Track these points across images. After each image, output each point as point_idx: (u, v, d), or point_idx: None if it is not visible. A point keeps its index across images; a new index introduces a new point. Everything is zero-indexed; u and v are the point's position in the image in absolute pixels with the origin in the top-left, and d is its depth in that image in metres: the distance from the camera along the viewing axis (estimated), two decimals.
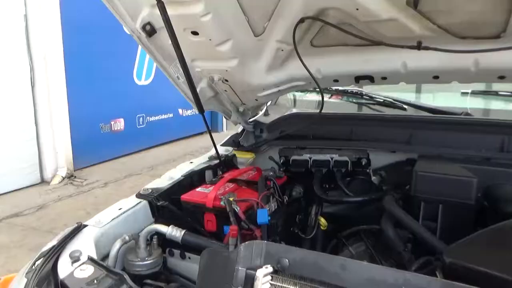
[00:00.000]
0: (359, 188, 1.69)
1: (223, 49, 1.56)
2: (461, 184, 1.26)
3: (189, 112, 7.71)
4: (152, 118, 7.13)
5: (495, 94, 1.78)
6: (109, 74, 6.08)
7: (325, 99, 2.27)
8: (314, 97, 2.42)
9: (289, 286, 0.88)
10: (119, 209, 1.44)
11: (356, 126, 1.76)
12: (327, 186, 1.72)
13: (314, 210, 1.70)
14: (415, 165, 1.38)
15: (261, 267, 0.88)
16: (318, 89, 2.28)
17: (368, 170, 1.69)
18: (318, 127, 1.82)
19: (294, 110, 2.13)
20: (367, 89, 2.39)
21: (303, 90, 2.43)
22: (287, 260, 0.87)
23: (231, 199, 1.38)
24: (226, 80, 1.81)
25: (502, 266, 0.86)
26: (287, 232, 1.55)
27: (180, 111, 7.66)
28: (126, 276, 1.00)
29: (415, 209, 1.36)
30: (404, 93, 2.32)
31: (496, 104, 1.83)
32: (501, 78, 1.48)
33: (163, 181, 1.66)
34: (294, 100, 2.60)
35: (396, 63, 1.55)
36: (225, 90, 1.90)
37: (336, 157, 1.71)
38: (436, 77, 1.57)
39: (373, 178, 1.66)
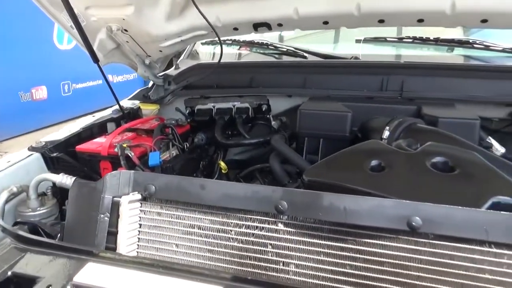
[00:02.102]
0: (261, 133, 1.77)
1: None
2: (337, 119, 1.38)
3: (120, 78, 7.37)
4: (79, 85, 6.73)
5: (384, 40, 1.92)
6: (25, 39, 5.58)
7: (234, 51, 2.32)
8: (233, 50, 2.42)
9: (156, 211, 0.93)
10: (8, 161, 1.39)
11: (256, 74, 1.82)
12: (230, 132, 1.78)
13: (219, 156, 1.76)
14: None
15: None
16: (230, 40, 2.34)
17: (268, 116, 1.77)
18: (221, 77, 1.86)
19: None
20: (289, 42, 2.45)
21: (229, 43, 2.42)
22: (153, 186, 0.92)
23: (124, 145, 1.39)
24: (126, 30, 1.77)
25: (347, 178, 0.97)
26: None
27: (110, 77, 7.29)
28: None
29: (301, 145, 1.46)
30: (323, 44, 2.41)
31: (384, 49, 1.97)
32: (381, 22, 1.59)
33: (61, 134, 1.62)
34: (214, 54, 2.60)
35: (289, 9, 1.60)
36: (127, 41, 1.85)
37: (238, 104, 1.76)
38: (326, 23, 1.64)
39: (273, 123, 1.75)
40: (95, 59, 1.63)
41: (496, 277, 0.71)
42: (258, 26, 1.73)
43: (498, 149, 1.37)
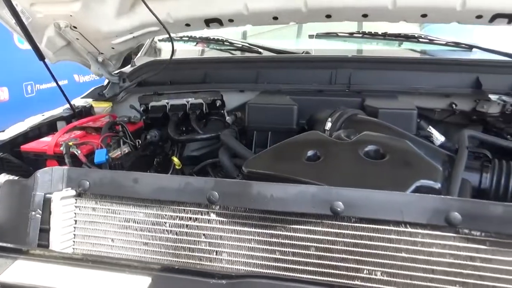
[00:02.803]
0: (215, 128, 1.77)
1: None
2: (283, 112, 1.41)
3: (86, 78, 7.19)
4: (43, 86, 6.50)
5: (335, 35, 1.96)
6: None
7: (191, 47, 2.31)
8: (190, 47, 2.41)
9: (91, 206, 0.93)
10: None
11: (210, 70, 1.82)
12: (185, 128, 1.78)
13: (174, 153, 1.76)
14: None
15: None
16: (187, 37, 2.32)
17: (222, 111, 1.78)
18: (175, 73, 1.85)
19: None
20: (252, 38, 2.44)
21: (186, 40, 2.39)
22: (87, 182, 0.91)
23: (70, 143, 1.37)
24: (75, 27, 1.73)
25: (284, 168, 1.00)
26: None
27: (76, 77, 7.08)
28: None
29: (251, 138, 1.48)
30: (285, 39, 2.43)
31: (336, 44, 2.01)
32: (328, 17, 1.63)
33: (7, 134, 1.57)
34: (175, 50, 2.56)
35: (239, 4, 1.62)
36: (77, 39, 1.81)
37: (191, 100, 1.76)
38: (275, 18, 1.67)
39: (227, 118, 1.76)
40: (41, 57, 1.60)
41: (411, 255, 0.75)
42: (209, 22, 1.73)
43: (438, 138, 1.43)
